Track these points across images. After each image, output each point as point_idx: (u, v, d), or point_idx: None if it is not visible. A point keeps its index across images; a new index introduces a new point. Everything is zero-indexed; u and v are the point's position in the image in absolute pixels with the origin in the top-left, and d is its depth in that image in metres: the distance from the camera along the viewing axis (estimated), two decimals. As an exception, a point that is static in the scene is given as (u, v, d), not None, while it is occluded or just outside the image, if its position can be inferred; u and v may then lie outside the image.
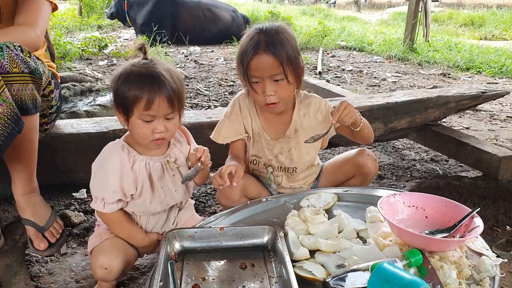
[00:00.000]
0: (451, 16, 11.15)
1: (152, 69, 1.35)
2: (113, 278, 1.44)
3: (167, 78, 1.35)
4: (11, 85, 1.46)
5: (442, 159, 2.94)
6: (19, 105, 1.49)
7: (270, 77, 1.58)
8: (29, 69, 1.51)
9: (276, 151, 1.79)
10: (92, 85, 3.46)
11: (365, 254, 1.27)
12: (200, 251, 1.38)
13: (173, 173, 1.51)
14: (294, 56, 1.59)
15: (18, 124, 1.41)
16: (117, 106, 1.40)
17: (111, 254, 1.43)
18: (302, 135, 1.76)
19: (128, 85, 1.34)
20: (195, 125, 2.12)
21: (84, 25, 8.57)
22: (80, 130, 2.01)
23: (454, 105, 2.68)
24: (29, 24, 1.69)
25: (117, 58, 5.67)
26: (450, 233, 1.33)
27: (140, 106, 1.34)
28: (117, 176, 1.41)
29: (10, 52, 1.46)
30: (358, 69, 5.72)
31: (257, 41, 1.57)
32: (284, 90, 1.61)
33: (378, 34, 8.25)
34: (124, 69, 1.38)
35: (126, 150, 1.44)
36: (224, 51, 6.79)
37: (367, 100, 2.55)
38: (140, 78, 1.34)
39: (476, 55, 6.23)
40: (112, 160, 1.43)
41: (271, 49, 1.55)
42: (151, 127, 1.38)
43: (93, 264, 1.44)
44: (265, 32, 1.59)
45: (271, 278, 1.25)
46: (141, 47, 1.40)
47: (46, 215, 1.68)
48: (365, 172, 1.79)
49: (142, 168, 1.45)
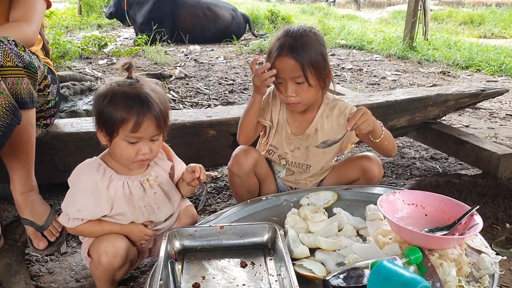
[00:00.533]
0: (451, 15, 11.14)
1: (139, 90, 1.33)
2: (119, 261, 1.38)
3: (155, 100, 1.33)
4: (6, 78, 1.45)
5: (441, 157, 2.94)
6: (16, 98, 1.48)
7: (292, 79, 1.62)
8: (23, 63, 1.50)
9: (294, 146, 1.82)
10: (92, 84, 3.46)
11: (365, 252, 1.28)
12: (200, 250, 1.39)
13: (154, 191, 1.47)
14: (317, 60, 1.62)
15: (17, 116, 1.41)
16: (99, 126, 1.36)
17: (112, 238, 1.40)
18: (321, 135, 1.79)
19: (114, 106, 1.30)
20: (195, 124, 2.12)
21: (84, 24, 8.56)
22: (80, 129, 2.00)
23: (453, 103, 2.68)
24: (25, 20, 1.69)
25: (117, 57, 5.67)
26: (450, 231, 1.33)
27: (127, 128, 1.31)
28: (87, 196, 1.37)
29: (4, 46, 1.45)
30: (357, 67, 5.71)
31: (283, 43, 1.62)
32: (305, 92, 1.65)
33: (378, 33, 8.24)
34: (109, 88, 1.34)
35: (102, 170, 1.40)
36: (224, 50, 6.79)
37: (366, 99, 2.55)
38: (127, 99, 1.30)
39: (476, 53, 6.23)
40: (84, 180, 1.39)
41: (293, 52, 1.59)
42: (136, 148, 1.35)
43: (96, 255, 1.38)
44: (291, 35, 1.63)
45: (271, 277, 1.25)
46: (128, 67, 1.37)
47: (45, 213, 1.68)
48: (370, 177, 1.80)
49: (119, 188, 1.40)
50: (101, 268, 1.40)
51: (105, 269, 1.40)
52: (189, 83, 4.64)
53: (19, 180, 1.64)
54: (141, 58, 5.75)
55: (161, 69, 5.09)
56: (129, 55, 1.32)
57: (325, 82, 1.70)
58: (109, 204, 1.40)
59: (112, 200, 1.40)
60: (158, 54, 5.68)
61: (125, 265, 1.43)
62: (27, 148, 1.62)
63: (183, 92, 4.28)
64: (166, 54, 5.91)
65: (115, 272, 1.42)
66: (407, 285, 1.02)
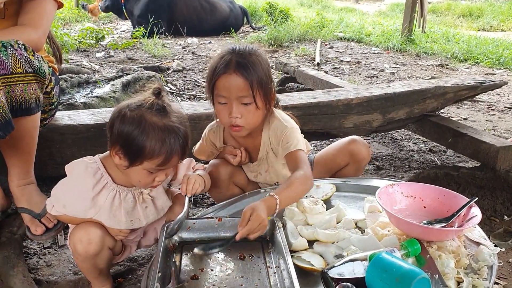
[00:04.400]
0: (449, 7, 11.09)
1: (171, 124, 1.29)
2: (94, 248, 1.34)
3: (182, 132, 1.31)
4: (15, 85, 1.45)
5: (440, 149, 2.94)
6: (23, 105, 1.49)
7: (238, 98, 1.51)
8: (32, 69, 1.50)
9: (256, 172, 1.79)
10: (89, 77, 3.45)
11: (363, 244, 1.28)
12: (198, 242, 1.38)
13: (145, 205, 1.43)
14: (265, 81, 1.53)
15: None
16: (120, 150, 1.29)
17: (86, 226, 1.36)
18: (272, 155, 1.72)
19: (145, 138, 1.25)
20: (193, 116, 2.11)
21: (81, 17, 8.51)
22: (77, 122, 1.99)
23: (452, 96, 2.67)
24: (33, 25, 1.67)
25: (114, 50, 5.64)
26: (448, 223, 1.33)
27: (155, 162, 1.28)
28: (76, 198, 1.35)
29: (14, 52, 1.45)
30: (356, 60, 5.70)
31: (228, 60, 1.50)
32: (251, 115, 1.54)
33: (376, 25, 8.20)
34: (139, 114, 1.27)
35: (99, 176, 1.37)
36: (222, 43, 6.76)
37: (365, 91, 2.54)
38: (160, 133, 1.26)
39: (474, 46, 6.21)
40: (79, 181, 1.36)
41: (241, 70, 1.48)
42: (154, 176, 1.34)
43: (72, 244, 1.36)
44: (237, 53, 1.52)
45: (269, 269, 1.25)
46: (158, 92, 1.32)
47: (42, 203, 1.67)
48: (359, 159, 1.80)
49: (109, 198, 1.37)
50: (80, 257, 1.37)
51: (83, 258, 1.36)
52: (187, 75, 4.63)
53: (17, 175, 1.64)
54: (139, 51, 5.72)
55: (159, 61, 5.06)
56: (155, 82, 1.26)
57: (270, 105, 1.61)
58: (95, 211, 1.37)
59: (99, 207, 1.37)
60: (155, 47, 5.65)
61: (102, 251, 1.39)
62: (29, 148, 1.62)
63: (181, 85, 4.27)
64: (163, 46, 5.88)
65: (95, 260, 1.38)
66: (405, 277, 1.03)
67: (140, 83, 3.46)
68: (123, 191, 1.40)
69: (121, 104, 1.33)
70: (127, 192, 1.40)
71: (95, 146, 1.94)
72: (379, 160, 2.74)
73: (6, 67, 1.42)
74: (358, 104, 2.42)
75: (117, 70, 4.10)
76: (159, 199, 1.47)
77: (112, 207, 1.37)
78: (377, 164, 2.67)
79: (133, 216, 1.42)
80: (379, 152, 2.87)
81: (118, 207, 1.38)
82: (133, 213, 1.42)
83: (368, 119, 2.46)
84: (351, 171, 1.83)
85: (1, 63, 1.42)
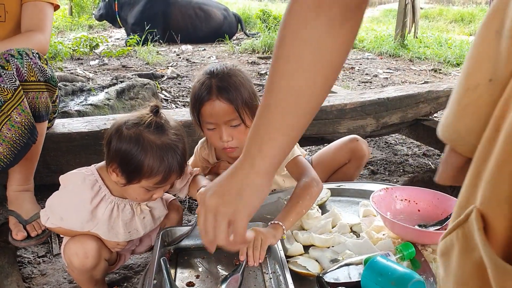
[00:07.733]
0: (441, 13, 11.20)
1: (169, 142, 1.27)
2: (91, 262, 1.33)
3: (180, 149, 1.30)
4: (27, 93, 1.48)
5: (434, 153, 2.95)
6: (34, 113, 1.51)
7: (226, 122, 1.47)
8: (44, 78, 1.52)
9: None
10: (84, 85, 3.44)
11: (358, 248, 1.28)
12: (194, 249, 1.38)
13: (143, 216, 1.42)
14: (250, 99, 1.48)
15: (34, 134, 1.43)
16: (118, 167, 1.27)
17: (82, 239, 1.34)
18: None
19: (143, 155, 1.23)
20: (188, 123, 2.11)
21: (75, 25, 8.51)
22: (71, 130, 1.99)
23: (444, 100, 2.70)
24: (40, 29, 1.70)
25: (109, 58, 5.63)
26: (443, 225, 1.34)
27: (153, 181, 1.27)
28: (73, 211, 1.33)
29: (29, 61, 1.47)
30: (349, 65, 5.72)
31: (209, 86, 1.45)
32: (242, 135, 1.50)
33: (369, 31, 8.26)
34: (137, 133, 1.25)
35: (97, 188, 1.34)
36: (216, 50, 6.78)
37: (359, 96, 2.56)
38: (158, 151, 1.24)
39: (466, 51, 6.25)
40: (76, 193, 1.33)
41: (223, 94, 1.44)
42: (151, 193, 1.33)
43: (68, 258, 1.34)
44: (216, 76, 1.46)
45: (265, 274, 1.25)
46: (156, 110, 1.30)
47: (33, 211, 1.67)
48: (360, 156, 1.82)
49: (107, 211, 1.35)
50: (76, 271, 1.36)
51: (80, 271, 1.36)
52: (181, 82, 4.63)
53: (17, 181, 1.65)
54: (133, 59, 5.72)
55: (153, 69, 5.07)
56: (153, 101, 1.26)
57: None
58: (93, 224, 1.35)
59: (97, 220, 1.35)
60: (150, 54, 5.66)
61: (99, 264, 1.38)
62: (32, 155, 1.62)
63: (175, 92, 4.27)
64: (158, 54, 5.88)
65: (91, 273, 1.38)
66: (400, 280, 1.03)
67: (134, 91, 3.46)
68: (121, 203, 1.38)
69: (118, 121, 1.31)
70: (125, 204, 1.39)
71: (90, 154, 1.94)
72: (373, 165, 2.75)
73: (21, 74, 1.44)
74: (352, 109, 2.44)
75: (112, 77, 4.10)
76: (156, 208, 1.46)
77: (110, 219, 1.36)
78: (371, 169, 2.67)
79: (131, 227, 1.40)
80: (373, 157, 2.88)
81: (116, 219, 1.37)
82: (131, 224, 1.40)
83: (362, 124, 2.48)
84: (351, 169, 1.85)
85: (17, 70, 1.43)
